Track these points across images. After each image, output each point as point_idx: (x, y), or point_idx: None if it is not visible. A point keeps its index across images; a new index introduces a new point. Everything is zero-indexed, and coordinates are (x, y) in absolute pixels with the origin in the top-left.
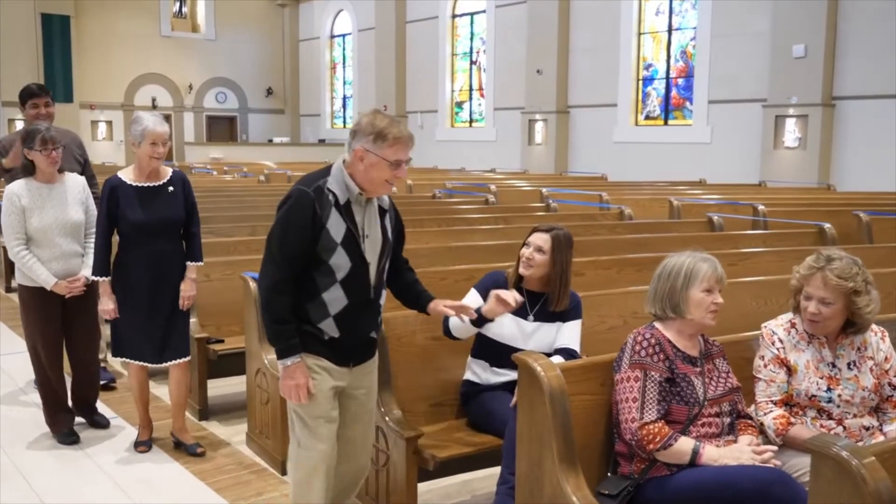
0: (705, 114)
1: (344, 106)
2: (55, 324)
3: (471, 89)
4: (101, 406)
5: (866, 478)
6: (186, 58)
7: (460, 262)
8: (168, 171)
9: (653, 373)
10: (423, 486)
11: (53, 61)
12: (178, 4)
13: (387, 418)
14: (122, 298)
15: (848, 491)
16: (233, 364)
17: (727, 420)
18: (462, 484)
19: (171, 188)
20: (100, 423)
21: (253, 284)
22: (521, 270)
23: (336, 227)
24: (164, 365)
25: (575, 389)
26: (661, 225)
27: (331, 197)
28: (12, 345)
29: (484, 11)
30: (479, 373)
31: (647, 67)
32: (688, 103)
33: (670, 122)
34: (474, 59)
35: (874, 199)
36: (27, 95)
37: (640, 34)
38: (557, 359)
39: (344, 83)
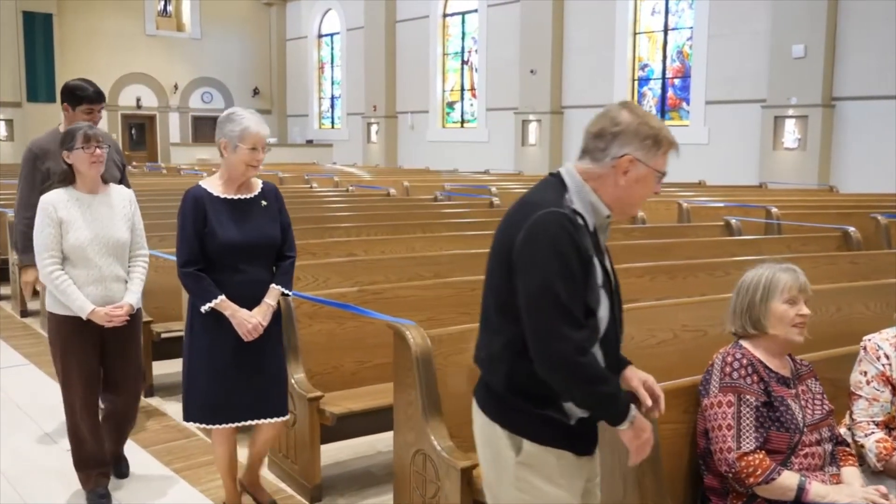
0: (702, 114)
1: (332, 106)
2: (92, 360)
3: (462, 89)
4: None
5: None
6: (171, 57)
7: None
8: (258, 182)
9: (748, 396)
10: None
11: (35, 60)
12: (162, 3)
13: (436, 445)
14: (205, 342)
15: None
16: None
17: (828, 448)
18: None
19: (263, 202)
20: (122, 472)
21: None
22: None
23: (595, 264)
24: (257, 422)
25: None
26: (677, 229)
27: (580, 221)
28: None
29: (476, 11)
30: None
31: (643, 68)
32: (684, 104)
33: (667, 122)
34: (466, 59)
35: (884, 200)
36: (82, 98)
37: (635, 34)
38: None
39: (332, 83)
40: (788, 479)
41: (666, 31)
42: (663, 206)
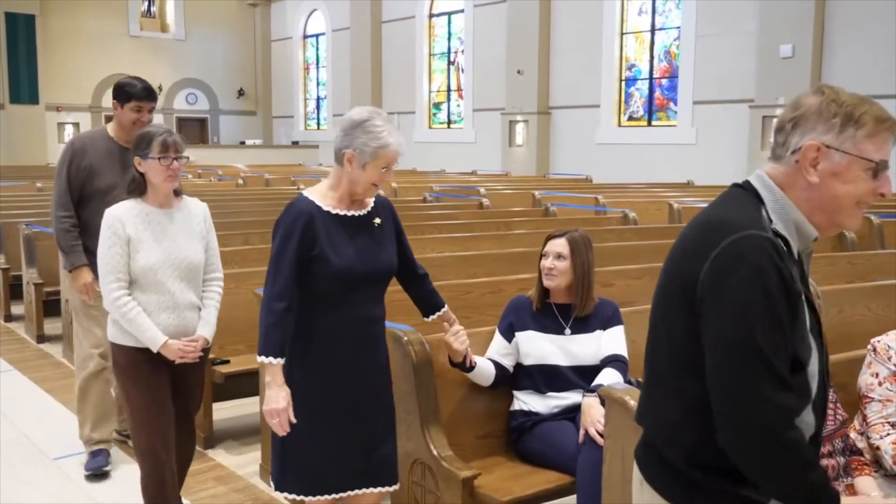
0: (690, 115)
1: (318, 107)
2: (166, 395)
3: (449, 90)
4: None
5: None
6: (156, 58)
7: (477, 274)
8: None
9: None
10: None
11: (18, 62)
12: (146, 3)
13: (436, 455)
14: (305, 397)
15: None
16: (240, 386)
17: (842, 460)
18: None
19: (376, 220)
20: None
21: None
22: (546, 283)
23: (803, 302)
24: (365, 492)
25: None
26: (669, 230)
27: (785, 247)
28: None
29: (462, 11)
30: (532, 402)
31: (630, 68)
32: (672, 104)
33: (654, 122)
34: (452, 60)
35: (876, 201)
36: (131, 95)
37: (622, 34)
38: (609, 371)
39: (318, 84)
40: None
41: (653, 30)
42: (654, 207)
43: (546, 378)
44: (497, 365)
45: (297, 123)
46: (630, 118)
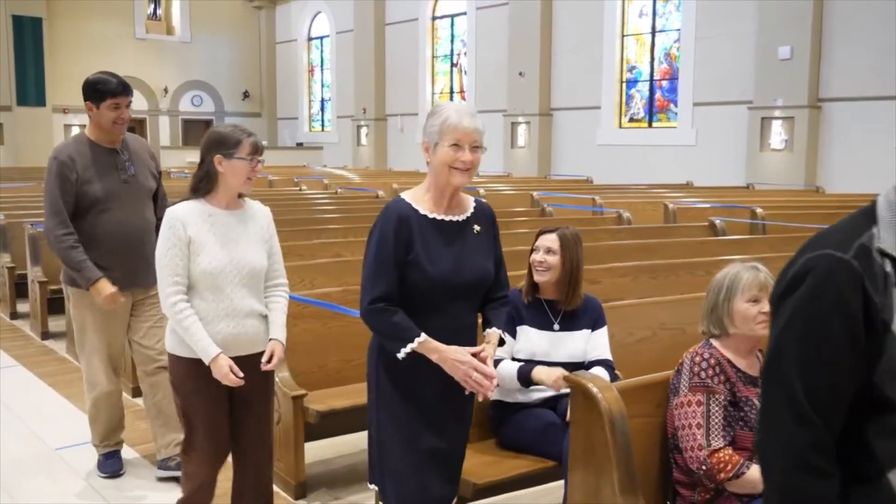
0: (690, 116)
1: (322, 109)
2: (223, 414)
3: (451, 92)
4: None
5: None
6: (161, 60)
7: None
8: (471, 201)
9: (717, 395)
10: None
11: (25, 64)
12: (152, 6)
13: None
14: (398, 406)
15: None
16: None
17: None
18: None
19: (476, 227)
20: None
21: None
22: (536, 278)
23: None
24: None
25: (631, 411)
26: (662, 230)
27: (888, 268)
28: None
29: (465, 13)
30: (514, 394)
31: (631, 69)
32: (672, 105)
33: (655, 124)
34: (455, 62)
35: (868, 201)
36: (105, 93)
37: (623, 36)
38: (599, 370)
39: (322, 86)
40: (757, 472)
41: (653, 33)
42: (650, 207)
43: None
44: (514, 360)
45: (302, 125)
46: (631, 120)
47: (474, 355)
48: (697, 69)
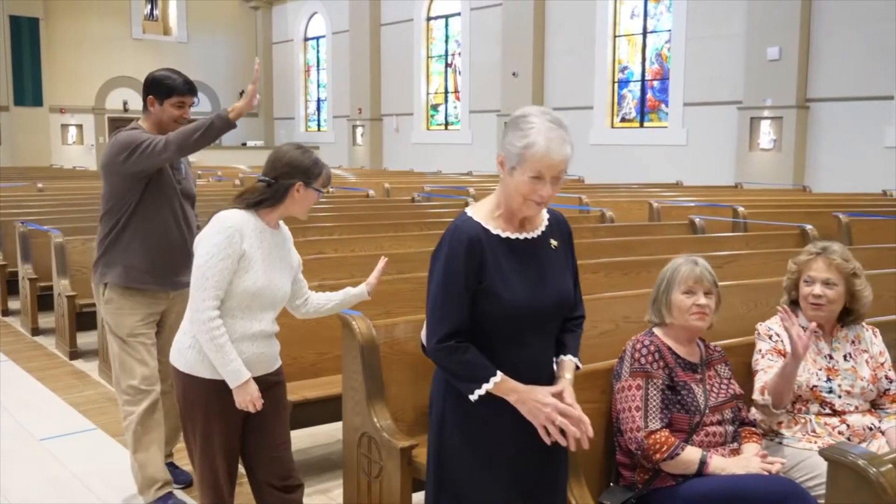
0: (681, 116)
1: (318, 109)
2: (237, 436)
3: (446, 92)
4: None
5: (886, 487)
6: (158, 60)
7: None
8: (544, 214)
9: (655, 380)
10: (417, 497)
11: (22, 64)
12: (149, 6)
13: (379, 427)
14: (469, 457)
15: (867, 500)
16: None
17: (730, 428)
18: None
19: (553, 242)
20: None
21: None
22: None
23: None
24: None
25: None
26: (642, 228)
27: None
28: None
29: (459, 14)
30: None
31: (623, 70)
32: (663, 105)
33: (646, 124)
34: (449, 62)
35: (852, 200)
36: (172, 90)
37: (615, 37)
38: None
39: (318, 86)
40: (691, 454)
41: (645, 33)
42: (636, 206)
43: None
44: None
45: (298, 125)
46: (623, 120)
47: (556, 396)
48: (688, 70)
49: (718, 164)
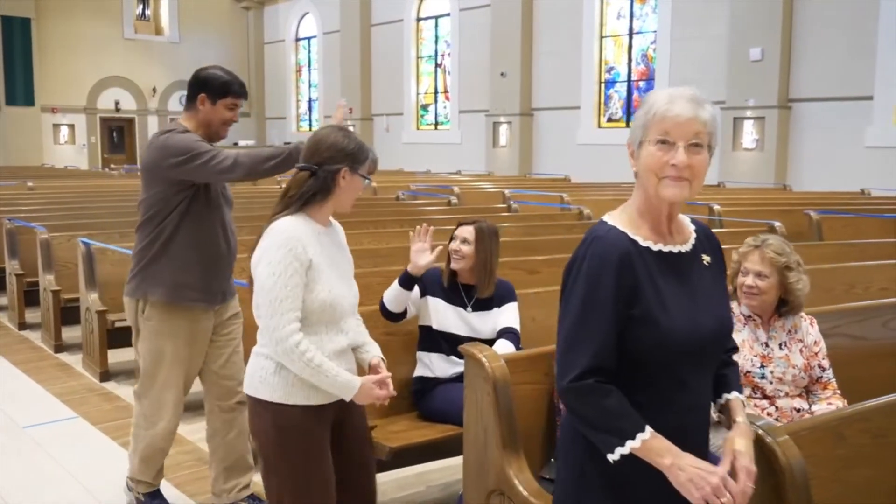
0: None
1: (310, 109)
2: (330, 463)
3: (436, 92)
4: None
5: (778, 453)
6: (150, 60)
7: (437, 261)
8: (688, 221)
9: None
10: (378, 477)
11: (14, 64)
12: (141, 7)
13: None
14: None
15: (764, 466)
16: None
17: None
18: (417, 476)
19: (705, 258)
20: None
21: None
22: (452, 265)
23: None
24: None
25: (519, 379)
26: None
27: None
28: None
29: (448, 15)
30: (434, 365)
31: (609, 70)
32: None
33: (632, 124)
34: (439, 62)
35: (826, 198)
36: (227, 90)
37: (601, 37)
38: (502, 342)
39: (309, 86)
40: None
41: (631, 34)
42: (617, 203)
43: (449, 344)
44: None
45: (290, 125)
46: (609, 119)
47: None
48: (673, 70)
49: None
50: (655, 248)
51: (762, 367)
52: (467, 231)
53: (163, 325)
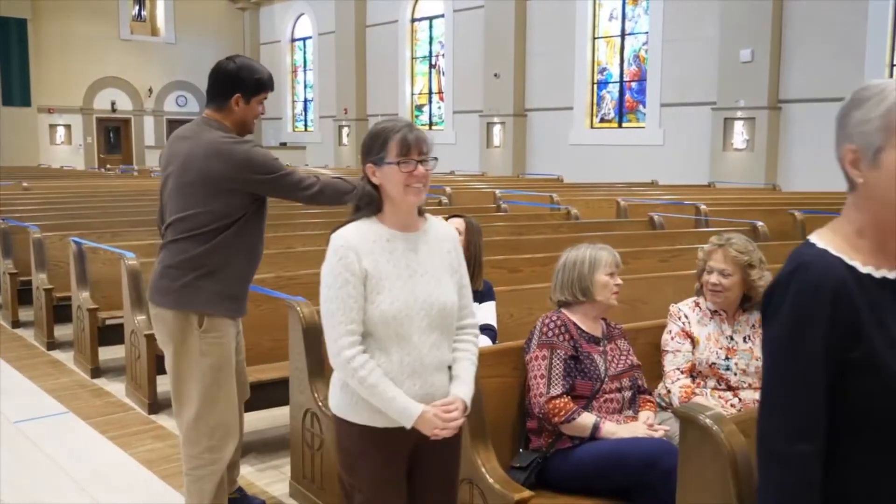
0: (658, 116)
1: (305, 109)
2: (403, 490)
3: (430, 93)
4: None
5: (724, 442)
6: (146, 61)
7: None
8: None
9: (559, 350)
10: None
11: (10, 65)
12: (137, 7)
13: (320, 405)
14: None
15: (710, 452)
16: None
17: (628, 395)
18: None
19: None
20: None
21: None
22: None
23: None
24: None
25: (488, 372)
26: (604, 224)
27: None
28: None
29: (443, 16)
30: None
31: (602, 71)
32: (641, 106)
33: (624, 124)
34: (434, 63)
35: (813, 198)
36: (261, 86)
37: (594, 38)
38: (481, 337)
39: (305, 86)
40: (586, 419)
41: (623, 35)
42: (606, 204)
43: None
44: None
45: (285, 125)
46: (602, 120)
47: None
48: (664, 71)
49: (694, 163)
50: (878, 275)
51: (727, 359)
52: (457, 222)
53: (222, 338)
